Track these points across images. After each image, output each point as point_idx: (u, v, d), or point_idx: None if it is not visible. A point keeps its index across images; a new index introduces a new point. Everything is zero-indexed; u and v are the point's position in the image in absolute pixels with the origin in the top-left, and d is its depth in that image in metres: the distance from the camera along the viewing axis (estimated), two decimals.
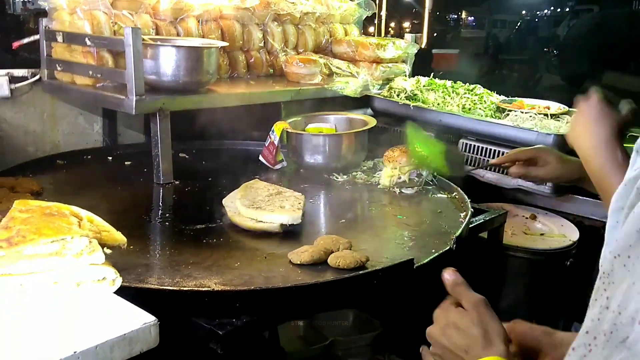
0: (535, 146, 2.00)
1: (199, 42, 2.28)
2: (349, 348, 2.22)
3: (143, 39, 1.97)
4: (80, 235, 1.00)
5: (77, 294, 0.99)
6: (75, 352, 0.84)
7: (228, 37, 2.58)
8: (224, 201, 1.83)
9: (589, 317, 0.74)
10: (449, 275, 1.04)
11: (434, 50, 8.95)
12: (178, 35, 2.44)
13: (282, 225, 1.65)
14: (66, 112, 2.51)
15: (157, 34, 2.37)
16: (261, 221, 1.67)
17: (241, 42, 2.66)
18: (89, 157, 2.39)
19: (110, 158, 2.41)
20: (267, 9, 2.68)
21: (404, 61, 2.90)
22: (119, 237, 1.09)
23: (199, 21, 2.50)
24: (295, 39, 2.85)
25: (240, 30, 2.63)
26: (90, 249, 0.99)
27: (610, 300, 0.70)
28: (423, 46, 7.43)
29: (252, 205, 1.71)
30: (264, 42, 2.75)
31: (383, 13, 7.04)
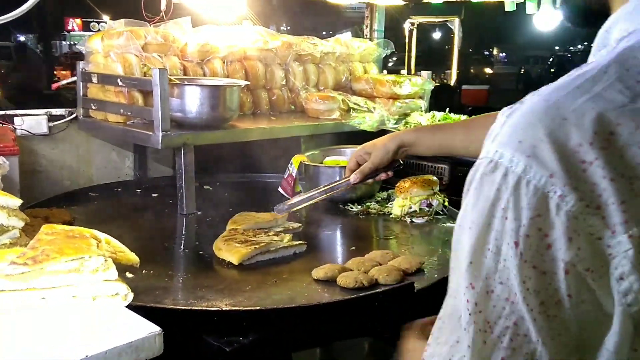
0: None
1: (223, 82, 2.43)
2: None
3: (169, 79, 2.12)
4: (97, 255, 1.12)
5: (93, 307, 1.10)
6: (86, 356, 0.94)
7: (251, 77, 2.73)
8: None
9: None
10: None
11: (463, 87, 9.06)
12: (204, 75, 2.59)
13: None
14: (100, 148, 2.68)
15: (184, 74, 2.54)
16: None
17: (264, 80, 2.80)
18: (119, 189, 2.54)
19: (138, 190, 2.56)
20: (288, 50, 2.83)
21: (421, 97, 3.00)
22: (132, 257, 1.21)
23: (224, 62, 2.66)
24: (315, 77, 2.98)
25: (263, 70, 2.78)
26: (105, 266, 1.11)
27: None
28: (452, 83, 7.54)
29: (225, 236, 1.83)
30: (286, 81, 2.89)
31: (413, 51, 7.20)
